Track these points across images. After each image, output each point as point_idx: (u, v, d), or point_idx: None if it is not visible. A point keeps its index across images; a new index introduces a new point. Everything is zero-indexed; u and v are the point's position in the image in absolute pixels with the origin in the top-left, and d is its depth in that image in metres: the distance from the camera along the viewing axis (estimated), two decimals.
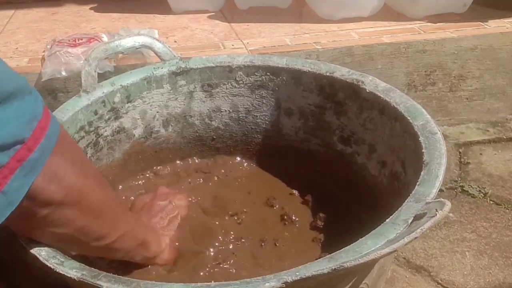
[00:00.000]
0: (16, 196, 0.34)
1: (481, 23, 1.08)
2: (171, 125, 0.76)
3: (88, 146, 0.65)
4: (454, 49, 1.02)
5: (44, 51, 0.94)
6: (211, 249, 0.61)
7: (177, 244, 0.59)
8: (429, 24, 1.09)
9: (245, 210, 0.69)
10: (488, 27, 1.06)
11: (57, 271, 0.40)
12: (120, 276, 0.39)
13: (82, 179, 0.41)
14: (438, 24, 1.08)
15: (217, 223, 0.66)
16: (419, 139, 0.52)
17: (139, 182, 0.75)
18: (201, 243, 0.61)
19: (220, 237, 0.63)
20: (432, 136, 0.52)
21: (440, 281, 0.71)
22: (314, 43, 0.98)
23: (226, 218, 0.68)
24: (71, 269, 0.40)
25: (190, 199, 0.69)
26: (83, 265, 0.40)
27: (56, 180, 0.38)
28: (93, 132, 0.65)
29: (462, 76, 1.06)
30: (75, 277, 0.39)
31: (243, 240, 0.64)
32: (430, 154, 0.49)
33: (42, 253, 0.41)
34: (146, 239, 0.52)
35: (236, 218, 0.68)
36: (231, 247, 0.63)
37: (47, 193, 0.37)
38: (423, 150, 0.50)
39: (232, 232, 0.65)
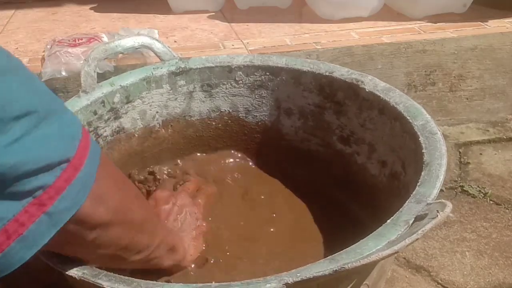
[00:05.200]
0: (61, 218, 0.32)
1: (481, 23, 1.08)
2: (171, 125, 0.76)
3: None
4: (454, 49, 1.02)
5: (44, 51, 0.94)
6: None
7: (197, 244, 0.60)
8: (429, 24, 1.09)
9: (244, 210, 0.69)
10: (488, 27, 1.06)
11: (59, 270, 0.40)
12: (121, 276, 0.39)
13: (125, 198, 0.41)
14: (438, 24, 1.08)
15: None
16: (419, 139, 0.52)
17: (139, 182, 0.75)
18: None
19: (218, 237, 0.63)
20: (432, 136, 0.52)
21: (440, 281, 0.71)
22: (314, 43, 0.98)
23: (226, 217, 0.68)
24: (72, 268, 0.40)
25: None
26: (84, 263, 0.40)
27: (103, 202, 0.36)
28: (92, 132, 0.65)
29: (462, 76, 1.06)
30: (76, 276, 0.39)
31: (241, 240, 0.64)
32: (431, 154, 0.49)
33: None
34: (174, 244, 0.53)
35: (236, 217, 0.68)
36: (228, 247, 0.63)
37: (96, 215, 0.36)
38: (423, 151, 0.50)
39: (232, 232, 0.65)
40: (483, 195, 0.88)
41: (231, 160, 0.80)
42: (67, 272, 0.39)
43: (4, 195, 0.29)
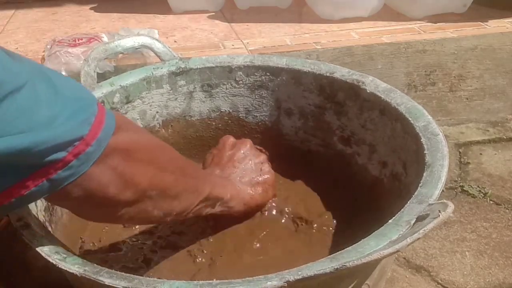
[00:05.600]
0: (61, 182, 0.35)
1: (481, 23, 1.08)
2: (171, 125, 0.76)
3: None
4: (454, 49, 1.02)
5: (44, 51, 0.94)
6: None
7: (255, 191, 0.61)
8: (429, 24, 1.09)
9: None
10: (488, 27, 1.06)
11: (60, 266, 0.40)
12: (122, 272, 0.39)
13: (157, 171, 0.43)
14: (438, 24, 1.08)
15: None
16: (421, 140, 0.52)
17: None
18: None
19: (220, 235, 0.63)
20: (434, 138, 0.52)
21: (440, 281, 0.71)
22: (314, 43, 0.98)
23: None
24: (73, 265, 0.39)
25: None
26: (85, 261, 0.40)
27: (131, 182, 0.40)
28: None
29: (462, 76, 1.06)
30: (77, 273, 0.39)
31: (241, 240, 0.64)
32: (432, 155, 0.49)
33: (44, 249, 0.41)
34: (224, 195, 0.54)
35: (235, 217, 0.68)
36: (229, 247, 0.62)
37: (123, 195, 0.40)
38: (425, 152, 0.50)
39: (231, 231, 0.65)
40: (483, 195, 0.88)
41: None
42: (68, 270, 0.39)
43: (22, 163, 0.33)
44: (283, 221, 0.67)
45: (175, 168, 0.47)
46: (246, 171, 0.61)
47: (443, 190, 0.90)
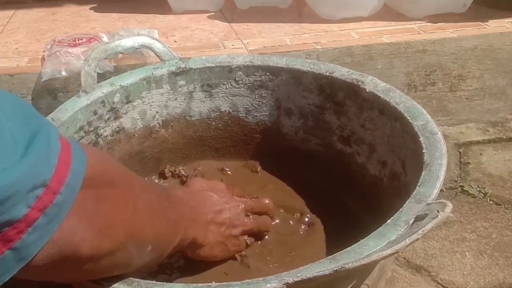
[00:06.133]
0: (30, 250, 0.28)
1: (481, 23, 1.08)
2: (171, 125, 0.76)
3: None
4: (454, 49, 1.02)
5: (44, 51, 0.94)
6: None
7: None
8: (429, 24, 1.09)
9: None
10: (488, 27, 1.06)
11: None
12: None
13: (137, 218, 0.37)
14: (438, 24, 1.08)
15: None
16: (420, 139, 0.52)
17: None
18: None
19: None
20: (433, 137, 0.52)
21: (440, 281, 0.71)
22: (314, 43, 0.98)
23: None
24: None
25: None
26: None
27: (108, 232, 0.33)
28: (92, 132, 0.65)
29: (462, 76, 1.06)
30: None
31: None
32: (431, 154, 0.49)
33: None
34: (194, 236, 0.49)
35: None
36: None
37: (101, 247, 0.32)
38: (423, 151, 0.50)
39: None
40: (483, 195, 0.88)
41: (231, 160, 0.80)
42: None
43: None
44: (277, 221, 0.67)
45: (152, 211, 0.40)
46: (222, 223, 0.55)
47: (443, 190, 0.90)
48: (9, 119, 0.27)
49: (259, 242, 0.63)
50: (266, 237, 0.63)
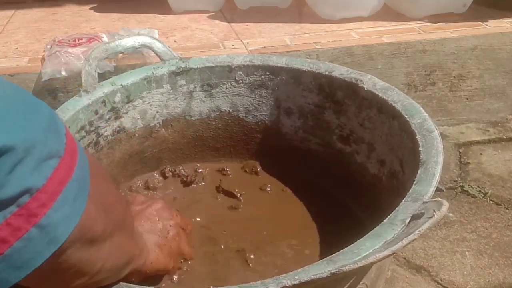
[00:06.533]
0: (60, 232, 0.25)
1: (481, 23, 1.08)
2: (171, 125, 0.76)
3: (88, 146, 0.65)
4: (454, 49, 1.02)
5: (44, 51, 0.94)
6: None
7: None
8: (429, 24, 1.09)
9: (243, 210, 0.69)
10: (488, 27, 1.06)
11: None
12: (121, 282, 0.39)
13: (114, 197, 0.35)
14: (438, 24, 1.08)
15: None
16: (416, 137, 0.52)
17: (140, 182, 0.75)
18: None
19: (220, 238, 0.63)
20: (429, 134, 0.52)
21: (440, 281, 0.71)
22: (314, 43, 0.98)
23: (226, 217, 0.68)
24: None
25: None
26: None
27: (104, 212, 0.31)
28: (93, 132, 0.66)
29: (462, 76, 1.06)
30: None
31: (243, 237, 0.64)
32: (427, 152, 0.49)
33: None
34: (135, 249, 0.44)
35: (236, 216, 0.68)
36: (225, 245, 0.63)
37: (97, 225, 0.30)
38: (420, 149, 0.50)
39: (232, 231, 0.65)
40: (483, 195, 0.88)
41: (231, 159, 0.80)
42: None
43: None
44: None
45: (126, 203, 0.39)
46: (154, 229, 0.52)
47: (443, 190, 0.90)
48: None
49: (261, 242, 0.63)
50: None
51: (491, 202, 0.87)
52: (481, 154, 1.00)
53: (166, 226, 0.53)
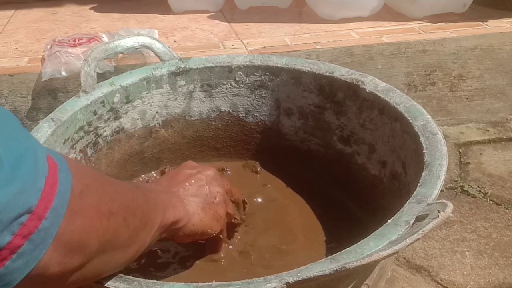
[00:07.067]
0: (15, 276, 0.27)
1: (481, 23, 1.08)
2: (171, 125, 0.76)
3: (87, 146, 0.65)
4: (454, 49, 1.02)
5: (44, 51, 0.94)
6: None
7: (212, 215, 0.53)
8: (429, 24, 1.09)
9: (245, 209, 0.69)
10: (488, 27, 1.06)
11: None
12: (122, 274, 0.39)
13: (111, 227, 0.35)
14: (438, 24, 1.08)
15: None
16: (420, 139, 0.52)
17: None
18: None
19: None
20: (433, 137, 0.52)
21: (440, 281, 0.71)
22: (314, 43, 0.98)
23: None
24: None
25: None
26: None
27: (80, 247, 0.31)
28: (92, 132, 0.65)
29: (462, 76, 1.06)
30: None
31: (243, 240, 0.64)
32: (431, 154, 0.49)
33: None
34: (175, 218, 0.47)
35: (237, 217, 0.68)
36: (230, 247, 0.62)
37: (71, 263, 0.31)
38: (424, 151, 0.50)
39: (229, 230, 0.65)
40: (483, 195, 0.88)
41: (231, 159, 0.80)
42: None
43: None
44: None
45: (127, 211, 0.39)
46: (200, 193, 0.53)
47: (443, 190, 0.90)
48: None
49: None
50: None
51: (491, 202, 0.87)
52: (481, 154, 1.00)
53: (214, 191, 0.54)
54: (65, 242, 0.30)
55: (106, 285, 0.37)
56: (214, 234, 0.54)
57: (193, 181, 0.54)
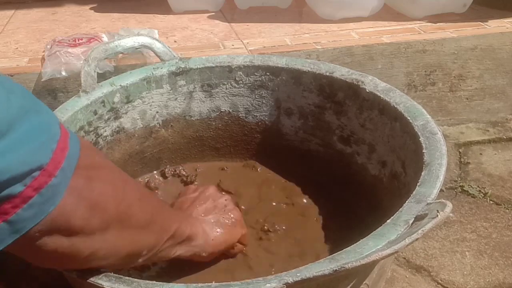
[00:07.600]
0: (24, 225, 0.30)
1: (481, 23, 1.08)
2: (171, 125, 0.76)
3: None
4: (454, 49, 1.02)
5: (44, 51, 0.94)
6: None
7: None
8: (429, 24, 1.09)
9: (243, 210, 0.69)
10: (488, 27, 1.06)
11: (59, 270, 0.40)
12: (121, 276, 0.39)
13: (125, 202, 0.38)
14: (438, 24, 1.08)
15: None
16: (419, 139, 0.52)
17: (140, 182, 0.75)
18: None
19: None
20: (433, 137, 0.52)
21: (440, 281, 0.71)
22: (314, 43, 0.98)
23: None
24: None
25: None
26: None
27: (98, 209, 0.35)
28: (92, 132, 0.65)
29: (462, 76, 1.06)
30: (76, 276, 0.39)
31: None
32: (431, 154, 0.49)
33: None
34: (191, 232, 0.50)
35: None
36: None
37: (90, 223, 0.34)
38: (423, 151, 0.50)
39: None
40: (483, 195, 0.88)
41: (231, 160, 0.80)
42: (67, 272, 0.39)
43: None
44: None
45: (141, 196, 0.42)
46: (209, 210, 0.58)
47: (443, 190, 0.90)
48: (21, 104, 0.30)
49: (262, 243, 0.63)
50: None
51: (491, 202, 0.87)
52: (481, 154, 1.00)
53: (222, 202, 0.60)
54: (86, 197, 0.34)
55: (106, 286, 0.38)
56: (240, 239, 0.59)
57: (201, 202, 0.58)
